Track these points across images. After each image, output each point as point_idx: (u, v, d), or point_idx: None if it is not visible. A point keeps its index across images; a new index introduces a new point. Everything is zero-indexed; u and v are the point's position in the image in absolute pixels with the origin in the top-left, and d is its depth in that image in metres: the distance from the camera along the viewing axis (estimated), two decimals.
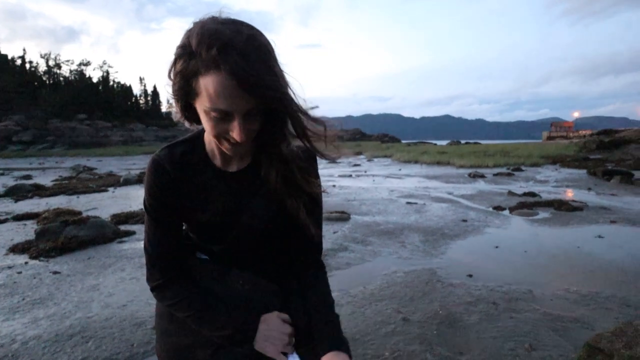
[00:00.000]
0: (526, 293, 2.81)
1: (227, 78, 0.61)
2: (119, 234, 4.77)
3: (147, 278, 0.85)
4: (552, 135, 47.83)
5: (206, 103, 0.65)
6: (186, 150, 0.80)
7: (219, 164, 0.80)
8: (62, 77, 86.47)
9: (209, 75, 0.62)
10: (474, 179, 10.72)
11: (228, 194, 0.80)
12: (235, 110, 0.65)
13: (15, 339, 2.31)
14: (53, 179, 13.49)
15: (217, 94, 0.63)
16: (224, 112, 0.65)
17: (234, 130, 0.67)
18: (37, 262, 3.87)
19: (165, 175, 0.78)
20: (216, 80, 0.62)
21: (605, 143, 17.17)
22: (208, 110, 0.66)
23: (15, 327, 2.48)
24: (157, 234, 0.81)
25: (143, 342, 2.26)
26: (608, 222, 5.01)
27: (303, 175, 0.79)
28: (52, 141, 58.34)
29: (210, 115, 0.67)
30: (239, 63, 0.60)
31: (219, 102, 0.64)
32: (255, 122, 0.69)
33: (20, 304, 2.84)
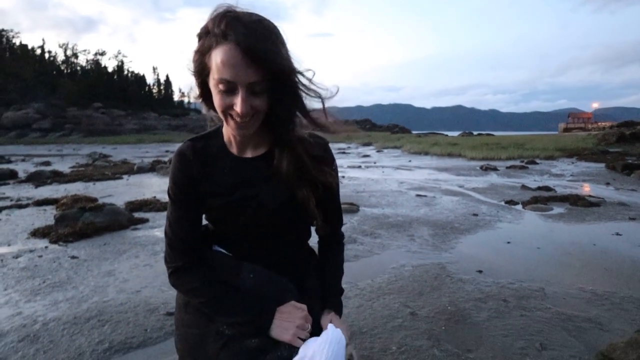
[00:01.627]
0: (538, 291, 2.78)
1: (233, 48, 0.67)
2: (133, 221, 4.88)
3: (166, 261, 0.87)
4: (569, 126, 46.58)
5: (215, 75, 0.70)
6: (207, 142, 0.87)
7: (235, 151, 0.85)
8: (79, 66, 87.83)
9: (219, 46, 0.68)
10: (485, 171, 10.57)
11: (243, 179, 0.83)
12: (239, 80, 0.69)
13: (36, 320, 2.41)
14: (71, 166, 13.82)
15: (223, 63, 0.68)
16: (229, 82, 0.69)
17: (237, 103, 0.70)
18: (56, 246, 4.00)
19: (188, 164, 0.83)
20: (223, 50, 0.68)
21: (626, 136, 16.58)
22: (216, 83, 0.71)
23: (37, 308, 2.58)
24: (179, 219, 0.84)
25: (156, 327, 2.33)
26: (627, 219, 4.90)
27: (315, 164, 0.81)
28: (70, 129, 59.54)
29: (217, 89, 0.71)
30: (245, 34, 0.66)
31: (225, 71, 0.68)
32: (259, 98, 0.71)
33: (41, 286, 2.96)
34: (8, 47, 79.89)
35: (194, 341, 0.83)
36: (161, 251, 3.78)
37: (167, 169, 10.94)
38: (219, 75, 0.69)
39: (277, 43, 0.70)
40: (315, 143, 0.83)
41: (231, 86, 0.70)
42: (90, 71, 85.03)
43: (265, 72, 0.69)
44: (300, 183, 0.81)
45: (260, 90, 0.71)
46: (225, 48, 0.68)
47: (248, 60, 0.67)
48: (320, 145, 0.85)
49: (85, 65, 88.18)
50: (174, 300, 2.64)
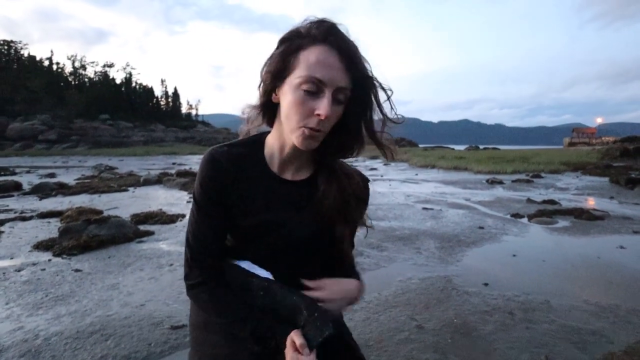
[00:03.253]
0: (543, 303, 2.75)
1: (331, 49, 0.68)
2: (139, 234, 4.89)
3: (186, 275, 0.81)
4: (574, 141, 46.55)
5: (303, 72, 0.68)
6: (245, 151, 0.80)
7: (275, 169, 0.80)
8: (87, 78, 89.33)
9: (314, 46, 0.69)
10: (491, 185, 10.54)
11: (277, 201, 0.79)
12: (330, 82, 0.68)
13: (38, 335, 2.40)
14: (76, 178, 13.91)
15: (318, 61, 0.68)
16: (319, 81, 0.68)
17: (322, 105, 0.68)
18: (59, 259, 4.00)
19: (221, 171, 0.77)
20: (320, 50, 0.68)
21: (630, 150, 16.58)
22: (301, 82, 0.68)
23: (39, 322, 2.57)
24: (203, 228, 0.78)
25: (160, 341, 2.31)
26: (631, 232, 4.86)
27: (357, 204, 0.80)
28: (76, 140, 60.16)
29: (300, 89, 0.69)
30: (344, 39, 0.70)
31: (318, 70, 0.67)
32: (338, 108, 0.71)
33: (44, 300, 2.95)
34: (16, 58, 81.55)
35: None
36: (166, 264, 3.78)
37: (174, 181, 10.99)
38: (309, 73, 0.68)
39: (363, 56, 0.72)
40: (362, 180, 0.83)
41: (318, 87, 0.68)
42: (98, 83, 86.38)
43: (352, 80, 0.70)
44: (339, 219, 0.78)
45: (342, 99, 0.70)
46: (322, 48, 0.68)
47: (343, 65, 0.68)
48: (365, 184, 0.83)
49: (93, 77, 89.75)
50: (178, 314, 2.64)
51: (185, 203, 7.68)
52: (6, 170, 17.35)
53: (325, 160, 0.80)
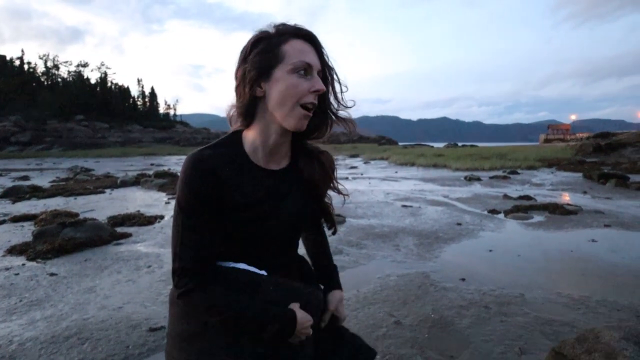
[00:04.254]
0: (518, 297, 2.85)
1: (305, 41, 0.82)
2: (116, 236, 4.79)
3: (175, 284, 0.79)
4: (549, 137, 48.03)
5: (293, 60, 0.79)
6: (227, 151, 0.83)
7: (261, 162, 0.85)
8: (60, 78, 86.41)
9: (293, 40, 0.81)
10: (470, 182, 10.78)
11: (270, 191, 0.85)
12: (314, 64, 0.82)
13: (12, 340, 2.33)
14: (50, 180, 13.48)
15: (302, 49, 0.81)
16: (308, 64, 0.80)
17: (316, 82, 0.81)
18: (34, 263, 3.89)
19: (210, 173, 0.78)
20: (299, 41, 0.82)
21: (602, 146, 17.24)
22: (293, 67, 0.79)
23: (13, 328, 2.50)
24: (193, 234, 0.78)
25: (138, 343, 2.28)
26: (602, 226, 5.07)
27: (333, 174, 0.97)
28: (50, 142, 58.13)
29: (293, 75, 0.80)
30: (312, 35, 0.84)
31: (304, 55, 0.80)
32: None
33: (18, 305, 2.87)
34: None
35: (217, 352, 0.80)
36: (144, 266, 3.72)
37: (152, 182, 10.78)
38: (300, 59, 0.79)
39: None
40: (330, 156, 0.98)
41: (307, 70, 0.81)
42: (72, 83, 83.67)
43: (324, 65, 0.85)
44: (324, 190, 0.94)
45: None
46: (300, 40, 0.82)
47: (317, 53, 0.83)
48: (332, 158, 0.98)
49: (66, 77, 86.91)
50: (156, 316, 2.61)
51: (163, 204, 7.56)
52: None
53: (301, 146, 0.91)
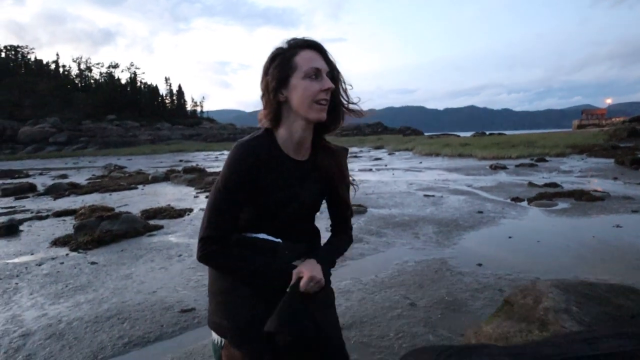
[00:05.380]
0: (533, 281, 2.88)
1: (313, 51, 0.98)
2: (149, 228, 5.11)
3: (201, 239, 0.97)
4: (583, 123, 45.88)
5: (304, 68, 0.95)
6: (264, 142, 1.01)
7: (290, 153, 1.03)
8: (92, 79, 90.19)
9: (303, 51, 0.97)
10: (495, 170, 10.58)
11: (294, 177, 1.02)
12: (323, 68, 0.98)
13: (61, 320, 2.61)
14: (87, 178, 14.25)
15: (311, 58, 0.97)
16: (317, 69, 0.96)
17: (325, 82, 0.96)
18: (76, 253, 4.23)
19: (253, 157, 0.97)
20: (308, 51, 0.98)
21: (637, 130, 16.37)
22: (306, 74, 0.95)
23: (61, 309, 2.79)
24: (224, 203, 0.96)
25: (171, 323, 2.51)
26: (629, 212, 4.92)
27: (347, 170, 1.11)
28: (85, 142, 61.01)
29: (306, 79, 0.95)
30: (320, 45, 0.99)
31: (313, 62, 0.96)
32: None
33: (64, 290, 3.17)
34: (23, 63, 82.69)
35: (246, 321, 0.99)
36: (175, 255, 3.99)
37: (181, 177, 11.23)
38: (310, 65, 0.95)
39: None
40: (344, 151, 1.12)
41: (317, 73, 0.96)
42: (104, 84, 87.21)
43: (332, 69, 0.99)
44: (340, 182, 1.07)
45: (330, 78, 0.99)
46: (309, 50, 0.98)
47: (324, 60, 0.99)
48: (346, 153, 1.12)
49: (98, 78, 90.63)
50: (187, 299, 2.86)
51: (192, 198, 7.90)
52: (20, 173, 17.82)
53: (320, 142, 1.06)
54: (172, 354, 2.16)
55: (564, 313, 1.45)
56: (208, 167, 16.16)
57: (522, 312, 1.60)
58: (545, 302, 1.54)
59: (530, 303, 1.61)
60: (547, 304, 1.53)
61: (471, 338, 1.63)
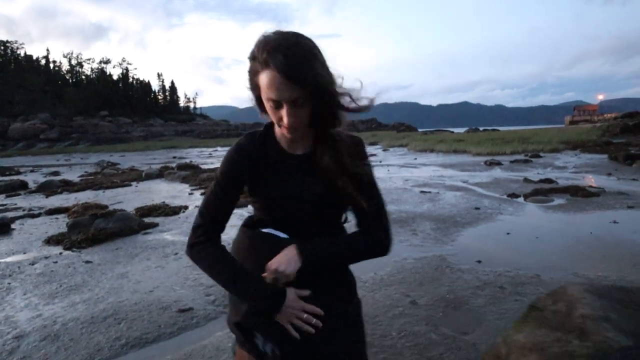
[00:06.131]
0: (534, 277, 2.88)
1: (274, 74, 0.80)
2: (144, 226, 5.04)
3: (190, 237, 0.97)
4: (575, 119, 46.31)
5: (264, 94, 0.85)
6: (263, 137, 0.98)
7: (286, 147, 0.96)
8: (84, 75, 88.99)
9: (264, 72, 0.82)
10: (489, 166, 10.62)
11: (294, 173, 0.95)
12: (283, 98, 0.82)
13: (56, 321, 2.56)
14: (79, 175, 14.08)
15: (268, 86, 0.82)
16: (275, 101, 0.83)
17: (284, 116, 0.84)
18: (70, 252, 4.16)
19: (245, 155, 0.95)
20: (267, 76, 0.82)
21: (630, 126, 16.54)
22: (265, 100, 0.85)
23: (55, 310, 2.73)
24: (216, 200, 0.96)
25: (169, 323, 2.46)
26: (625, 208, 4.96)
27: (350, 159, 0.94)
28: (77, 138, 60.29)
29: (268, 104, 0.85)
30: (282, 61, 0.79)
31: (270, 92, 0.82)
32: (302, 110, 0.85)
33: (58, 290, 3.11)
34: (12, 58, 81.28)
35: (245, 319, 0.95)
36: (171, 253, 3.94)
37: (175, 174, 11.14)
38: (266, 96, 0.84)
39: (313, 62, 0.82)
40: (352, 142, 0.96)
41: (277, 103, 0.84)
42: (96, 80, 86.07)
43: (304, 89, 0.81)
44: (339, 174, 0.93)
45: (302, 103, 0.83)
46: (268, 74, 0.81)
47: (288, 82, 0.80)
48: (356, 143, 0.97)
49: (90, 74, 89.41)
50: (185, 298, 2.81)
51: (187, 195, 7.83)
52: (11, 170, 17.56)
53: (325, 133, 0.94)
54: (170, 355, 2.13)
55: (604, 321, 1.37)
56: (202, 163, 16.05)
57: (555, 320, 1.51)
58: (581, 309, 1.46)
59: (564, 310, 1.53)
60: (583, 311, 1.44)
61: (502, 347, 1.54)
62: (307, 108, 0.85)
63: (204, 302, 2.76)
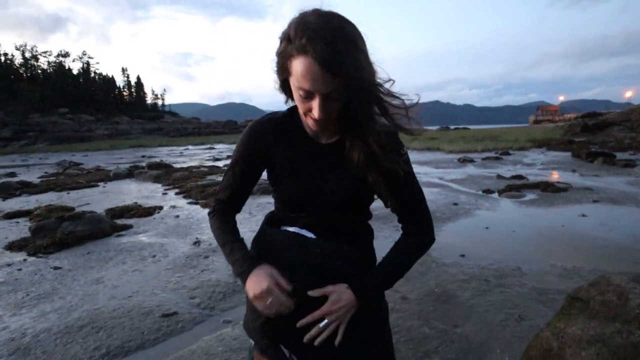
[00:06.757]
0: (515, 270, 2.97)
1: (312, 62, 0.72)
2: (117, 228, 4.80)
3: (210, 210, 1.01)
4: (539, 119, 48.63)
5: (295, 82, 0.76)
6: (287, 119, 0.89)
7: (312, 134, 0.88)
8: (40, 69, 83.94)
9: (299, 58, 0.73)
10: (463, 163, 10.93)
11: (321, 165, 0.87)
12: (317, 90, 0.75)
13: (25, 333, 2.36)
14: (39, 176, 13.27)
15: (303, 75, 0.74)
16: (307, 91, 0.75)
17: (314, 108, 0.77)
18: (35, 258, 3.89)
19: (262, 136, 0.88)
20: (303, 63, 0.73)
21: (589, 126, 17.57)
22: (296, 89, 0.77)
23: (24, 321, 2.53)
24: (231, 179, 0.94)
25: (153, 329, 2.34)
26: (591, 202, 5.23)
27: (384, 153, 0.83)
28: (34, 137, 56.86)
29: (298, 93, 0.78)
30: (323, 50, 0.70)
31: (304, 82, 0.74)
32: (334, 103, 0.77)
33: (25, 299, 2.89)
34: None
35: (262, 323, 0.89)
36: (149, 256, 3.76)
37: (146, 174, 10.71)
38: (298, 84, 0.76)
39: (355, 53, 0.73)
40: (385, 133, 0.84)
41: (309, 94, 0.76)
42: (53, 74, 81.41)
43: (341, 82, 0.73)
44: (370, 170, 0.84)
45: (336, 96, 0.76)
46: (305, 61, 0.73)
47: (325, 74, 0.72)
48: (389, 135, 0.86)
49: (47, 68, 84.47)
50: (168, 302, 2.67)
51: (160, 195, 7.54)
52: None
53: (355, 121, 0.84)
54: None
55: None
56: (174, 162, 15.55)
57: (608, 311, 1.47)
58: (637, 299, 1.42)
59: (615, 300, 1.49)
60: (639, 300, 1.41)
61: (552, 341, 1.48)
62: (339, 101, 0.77)
63: (188, 306, 2.65)
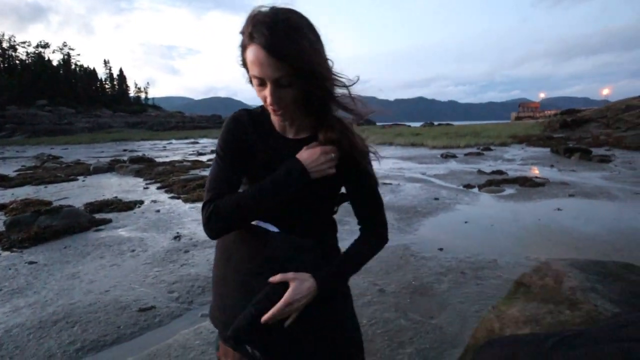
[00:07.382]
0: (491, 262, 3.04)
1: (258, 48, 0.75)
2: (95, 223, 4.71)
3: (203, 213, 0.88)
4: (520, 115, 49.58)
5: (250, 71, 0.79)
6: (260, 114, 0.92)
7: (281, 131, 0.91)
8: (18, 60, 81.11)
9: (249, 47, 0.77)
10: (446, 159, 11.08)
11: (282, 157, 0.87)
12: (266, 76, 0.77)
13: None
14: (16, 169, 12.88)
15: (252, 62, 0.77)
16: (258, 78, 0.78)
17: (267, 95, 0.79)
18: (9, 253, 3.79)
19: (241, 128, 0.90)
20: (252, 50, 0.77)
21: (568, 122, 18.00)
22: (252, 78, 0.80)
23: None
24: (219, 173, 0.90)
25: (129, 323, 2.32)
26: (567, 196, 5.38)
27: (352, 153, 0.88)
28: (11, 129, 55.00)
29: (254, 82, 0.80)
30: (266, 36, 0.74)
31: (254, 69, 0.77)
32: (287, 90, 0.79)
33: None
34: None
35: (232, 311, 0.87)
36: (128, 250, 3.71)
37: (127, 168, 10.52)
38: (251, 72, 0.79)
39: (298, 39, 0.75)
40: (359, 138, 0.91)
41: (261, 81, 0.78)
42: (32, 65, 78.73)
43: (288, 67, 0.75)
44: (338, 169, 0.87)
45: (286, 83, 0.77)
46: (252, 48, 0.77)
47: (271, 59, 0.74)
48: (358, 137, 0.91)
49: (25, 58, 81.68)
50: (146, 297, 2.65)
51: (142, 189, 7.42)
52: None
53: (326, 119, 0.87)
54: (133, 357, 2.00)
55: (591, 292, 1.44)
56: (156, 156, 15.31)
57: (545, 293, 1.56)
58: (569, 282, 1.52)
59: (551, 283, 1.59)
60: (571, 283, 1.51)
61: (494, 322, 1.56)
62: (292, 89, 0.79)
63: (166, 300, 2.63)
